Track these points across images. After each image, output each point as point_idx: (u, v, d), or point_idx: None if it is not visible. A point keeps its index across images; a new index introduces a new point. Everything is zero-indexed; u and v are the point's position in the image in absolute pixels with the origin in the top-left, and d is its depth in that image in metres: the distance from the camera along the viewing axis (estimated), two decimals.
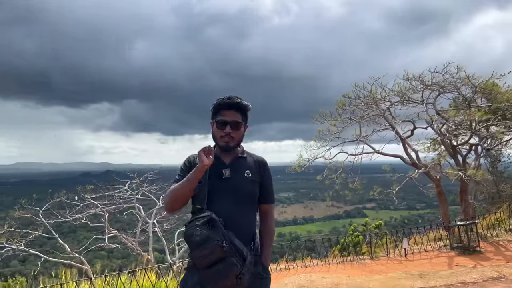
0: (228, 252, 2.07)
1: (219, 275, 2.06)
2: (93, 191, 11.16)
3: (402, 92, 11.53)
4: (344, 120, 11.65)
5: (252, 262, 2.21)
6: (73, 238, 15.65)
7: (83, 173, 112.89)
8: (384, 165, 11.62)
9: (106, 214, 10.87)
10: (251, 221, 2.41)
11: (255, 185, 2.41)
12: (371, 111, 11.62)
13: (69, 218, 10.81)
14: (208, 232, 2.08)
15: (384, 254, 9.35)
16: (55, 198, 11.06)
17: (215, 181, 2.30)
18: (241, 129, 2.40)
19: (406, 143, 11.48)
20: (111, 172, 52.18)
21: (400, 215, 65.81)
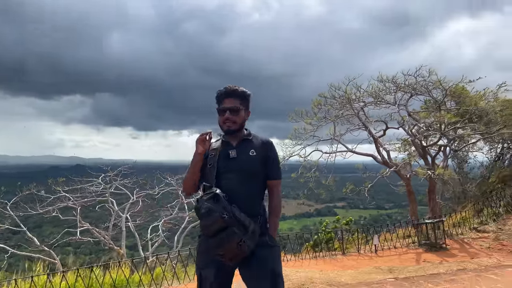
0: (229, 222, 2.35)
1: (221, 242, 2.35)
2: (64, 184, 10.91)
3: (375, 93, 11.83)
4: (319, 119, 11.85)
5: (256, 232, 2.47)
6: (38, 233, 15.21)
7: (52, 167, 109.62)
8: (357, 164, 11.87)
9: (78, 207, 10.66)
10: (257, 196, 2.65)
11: (260, 163, 2.64)
12: (346, 111, 11.86)
13: (40, 211, 10.54)
14: (212, 206, 2.37)
15: (355, 250, 9.57)
16: (24, 191, 10.76)
17: (223, 161, 2.59)
18: (240, 113, 2.66)
19: (378, 143, 11.77)
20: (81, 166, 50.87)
21: (369, 214, 67.29)
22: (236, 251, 2.36)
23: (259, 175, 2.64)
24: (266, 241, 2.56)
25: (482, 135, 11.98)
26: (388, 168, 11.07)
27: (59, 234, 11.50)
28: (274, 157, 2.73)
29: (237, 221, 2.38)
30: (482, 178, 13.92)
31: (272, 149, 2.73)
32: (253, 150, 2.64)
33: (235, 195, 2.48)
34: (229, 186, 2.51)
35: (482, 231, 10.04)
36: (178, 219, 12.28)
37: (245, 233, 2.38)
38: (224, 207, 2.37)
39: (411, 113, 11.93)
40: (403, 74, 11.67)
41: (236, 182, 2.54)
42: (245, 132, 2.72)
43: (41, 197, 10.93)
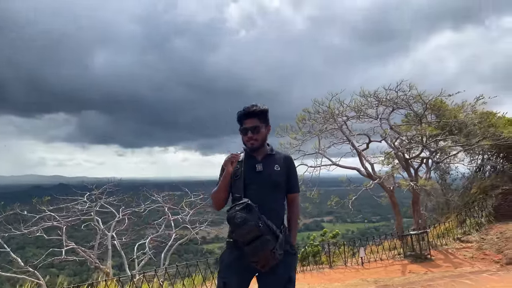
0: (263, 231, 2.52)
1: (256, 250, 2.50)
2: (49, 203, 10.76)
3: (358, 108, 12.08)
4: (304, 134, 12.02)
5: (283, 241, 2.63)
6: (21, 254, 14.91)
7: (34, 186, 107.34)
8: (341, 177, 12.02)
9: (64, 227, 10.50)
10: (281, 207, 2.83)
11: (282, 176, 2.84)
12: (329, 125, 12.07)
13: (24, 231, 10.37)
14: (246, 215, 2.54)
15: (342, 263, 9.65)
16: (8, 210, 10.59)
17: (250, 174, 2.79)
18: (261, 131, 2.87)
19: (362, 156, 11.97)
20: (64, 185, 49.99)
21: (356, 227, 67.38)
22: (269, 258, 2.51)
23: (282, 188, 2.84)
24: (289, 249, 2.71)
25: (462, 147, 12.28)
26: (372, 181, 11.25)
27: (43, 255, 11.29)
28: (294, 172, 2.96)
29: (269, 229, 2.56)
30: (464, 189, 14.20)
31: (293, 164, 2.97)
32: (277, 165, 2.84)
33: (262, 206, 2.64)
34: (256, 197, 2.68)
35: (466, 241, 10.24)
36: (164, 237, 12.17)
37: (276, 241, 2.55)
38: (258, 216, 2.55)
39: (393, 127, 12.20)
40: (384, 89, 11.98)
41: (262, 194, 2.72)
42: (268, 148, 2.94)
43: (25, 217, 10.77)
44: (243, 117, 2.87)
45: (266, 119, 2.93)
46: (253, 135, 2.83)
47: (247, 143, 2.87)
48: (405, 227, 12.23)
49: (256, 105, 2.86)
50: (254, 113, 2.85)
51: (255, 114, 2.85)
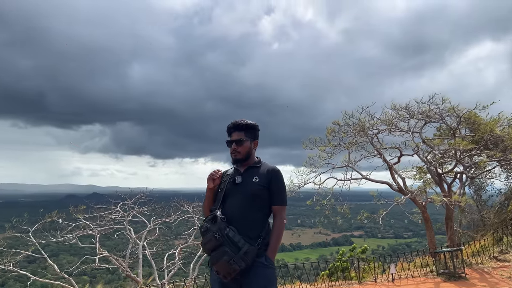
0: (221, 242, 2.61)
1: (215, 260, 2.62)
2: (84, 212, 11.13)
3: (389, 121, 11.92)
4: (334, 146, 11.95)
5: (250, 253, 2.64)
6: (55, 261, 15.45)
7: (69, 195, 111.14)
8: (372, 191, 11.84)
9: (98, 235, 10.83)
10: (258, 219, 2.84)
11: (262, 188, 2.86)
12: (360, 138, 11.96)
13: (60, 239, 10.76)
14: (210, 226, 2.68)
15: (372, 279, 9.45)
16: (46, 218, 11.04)
17: (230, 186, 2.90)
18: (244, 144, 2.96)
19: (393, 170, 11.77)
20: (98, 194, 51.49)
21: (387, 243, 65.74)
22: (227, 269, 2.56)
23: (260, 200, 2.84)
24: (262, 261, 2.70)
25: (499, 162, 11.87)
26: (403, 196, 11.03)
27: (77, 262, 11.65)
28: (278, 184, 2.90)
29: (230, 241, 2.61)
30: (501, 206, 13.68)
31: (276, 176, 2.91)
32: (256, 177, 2.88)
33: (235, 218, 2.74)
34: (231, 209, 2.80)
35: (503, 260, 9.84)
36: (193, 247, 12.31)
37: (237, 252, 2.59)
38: (219, 227, 2.64)
39: (425, 140, 11.95)
40: (416, 102, 11.79)
41: (238, 206, 2.81)
42: (256, 160, 3.02)
43: (60, 224, 11.17)
44: (231, 130, 3.00)
45: (254, 135, 3.03)
46: (236, 147, 2.93)
47: (231, 154, 2.97)
48: (438, 243, 11.89)
49: (244, 120, 2.99)
50: (240, 126, 2.97)
51: (241, 128, 2.97)
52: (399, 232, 76.63)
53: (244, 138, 2.96)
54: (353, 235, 77.07)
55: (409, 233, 74.87)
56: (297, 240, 77.67)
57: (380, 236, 75.92)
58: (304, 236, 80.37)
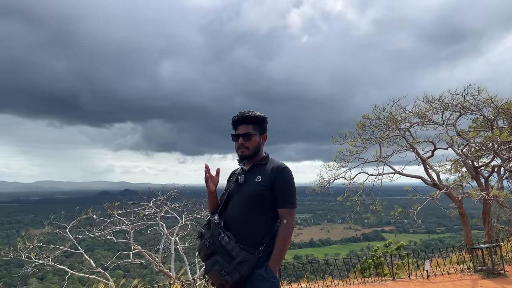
0: (213, 250, 2.35)
1: (206, 269, 2.39)
2: (118, 208, 11.42)
3: (422, 113, 11.60)
4: (364, 141, 11.74)
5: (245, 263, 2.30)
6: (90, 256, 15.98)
7: (102, 192, 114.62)
8: (405, 186, 11.57)
9: (131, 231, 11.10)
10: (260, 224, 2.47)
11: (264, 189, 2.48)
12: (391, 132, 11.69)
13: (96, 234, 11.10)
14: (204, 232, 2.46)
15: (406, 275, 9.26)
16: (82, 214, 11.41)
17: (233, 187, 2.61)
18: (253, 138, 2.60)
19: (426, 164, 11.47)
20: (130, 191, 52.83)
21: (419, 238, 64.40)
22: (219, 280, 2.29)
23: (263, 203, 2.48)
24: (261, 273, 2.35)
25: None
26: (438, 190, 10.73)
27: (112, 257, 11.99)
28: (284, 184, 2.51)
29: (222, 249, 2.32)
30: None
31: (281, 174, 2.51)
32: (259, 176, 2.53)
33: (234, 222, 2.45)
34: (232, 212, 2.51)
35: None
36: None
37: (230, 262, 2.29)
38: (212, 234, 2.37)
39: (460, 133, 11.57)
40: (450, 94, 11.42)
41: (237, 209, 2.50)
42: (263, 156, 2.66)
43: (96, 220, 11.49)
44: (236, 123, 2.65)
45: (262, 128, 2.68)
46: (244, 142, 2.58)
47: (238, 150, 2.63)
48: (474, 239, 11.53)
49: (251, 111, 2.64)
50: (248, 119, 2.61)
51: (249, 120, 2.61)
52: (431, 227, 74.93)
53: (252, 132, 2.60)
54: (384, 230, 75.92)
55: (442, 228, 73.10)
56: (327, 235, 77.21)
57: (412, 231, 74.48)
58: (333, 232, 79.82)
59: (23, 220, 77.38)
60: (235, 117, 2.65)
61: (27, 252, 10.43)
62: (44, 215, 12.72)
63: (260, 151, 2.65)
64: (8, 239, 46.87)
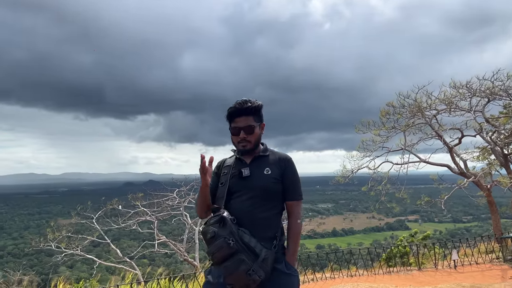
0: (235, 249, 2.16)
1: (229, 271, 2.15)
2: (142, 199, 11.60)
3: (448, 100, 11.28)
4: (388, 129, 11.52)
5: (268, 259, 2.24)
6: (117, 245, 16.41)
7: (127, 183, 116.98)
8: (431, 174, 11.32)
9: (156, 221, 11.27)
10: (273, 218, 2.41)
11: (275, 182, 2.42)
12: (417, 119, 11.43)
13: (121, 225, 11.34)
14: (218, 230, 2.19)
15: (432, 265, 9.11)
16: (108, 205, 11.65)
17: (236, 181, 2.42)
18: (255, 131, 2.45)
19: (453, 152, 11.18)
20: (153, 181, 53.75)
21: (445, 227, 63.24)
22: (246, 281, 2.15)
23: (274, 196, 2.42)
24: (282, 269, 2.33)
25: None
26: (465, 179, 10.47)
27: (138, 247, 12.25)
28: (293, 175, 2.48)
29: (246, 247, 2.20)
30: None
31: (290, 166, 2.49)
32: (268, 168, 2.43)
33: (246, 218, 2.31)
34: (241, 207, 2.36)
35: None
36: None
37: (255, 260, 2.19)
38: (231, 231, 2.20)
39: (489, 119, 11.20)
40: (477, 79, 11.05)
41: (248, 203, 2.36)
42: (261, 148, 2.53)
43: (121, 211, 11.71)
44: (234, 115, 2.44)
45: (260, 117, 2.51)
46: (246, 136, 2.42)
47: (238, 145, 2.46)
48: (504, 228, 11.22)
49: (250, 101, 2.43)
50: (247, 110, 2.42)
51: (248, 112, 2.43)
52: (457, 216, 73.44)
53: (253, 124, 2.44)
54: (408, 219, 74.86)
55: (468, 217, 71.57)
56: (349, 225, 76.71)
57: (437, 220, 73.19)
58: (356, 221, 79.24)
59: (52, 210, 79.80)
60: (232, 108, 2.44)
61: (56, 242, 10.74)
62: (71, 206, 13.07)
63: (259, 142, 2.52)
64: (39, 229, 48.41)
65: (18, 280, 8.92)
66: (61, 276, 7.72)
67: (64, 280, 7.39)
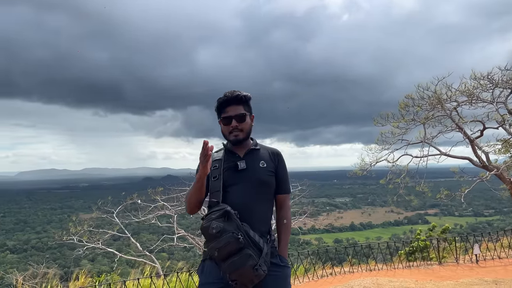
0: (243, 244, 2.13)
1: (235, 267, 2.11)
2: (161, 193, 11.73)
3: (469, 92, 11.04)
4: (408, 122, 11.36)
5: (269, 254, 2.25)
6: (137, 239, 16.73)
7: (146, 178, 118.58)
8: (451, 167, 11.13)
9: (175, 215, 11.41)
10: (268, 212, 2.43)
11: (270, 175, 2.43)
12: (436, 112, 11.23)
13: (141, 219, 11.51)
14: (224, 225, 2.15)
15: (453, 259, 8.98)
16: (127, 200, 11.85)
17: (231, 174, 2.38)
18: (247, 120, 2.45)
19: (475, 145, 10.96)
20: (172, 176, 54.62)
21: (466, 221, 62.17)
22: (251, 276, 2.11)
23: (270, 189, 2.44)
24: (277, 262, 2.34)
25: None
26: (488, 172, 10.25)
27: (157, 241, 12.43)
28: (284, 169, 2.53)
29: (251, 242, 2.17)
30: None
31: (281, 159, 2.54)
32: (263, 162, 2.44)
33: (245, 212, 2.27)
34: (238, 201, 2.31)
35: None
36: None
37: (260, 255, 2.17)
38: (237, 226, 2.17)
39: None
40: (499, 69, 10.78)
41: (245, 197, 2.33)
42: (252, 142, 2.52)
43: (140, 205, 11.87)
44: (224, 105, 2.43)
45: (250, 108, 2.51)
46: (238, 124, 2.40)
47: (230, 135, 2.43)
48: None
49: (239, 91, 2.45)
50: (238, 99, 2.43)
51: (239, 101, 2.43)
52: (478, 209, 72.11)
53: (245, 112, 2.44)
54: (428, 213, 73.85)
55: (490, 211, 70.18)
56: (368, 219, 76.16)
57: (458, 214, 72.02)
58: (374, 215, 78.59)
59: (73, 205, 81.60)
60: (223, 97, 2.44)
61: (78, 236, 10.98)
62: (92, 201, 13.35)
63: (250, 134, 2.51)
64: (61, 223, 49.54)
65: (42, 273, 9.17)
66: (83, 269, 7.89)
67: (86, 274, 7.54)
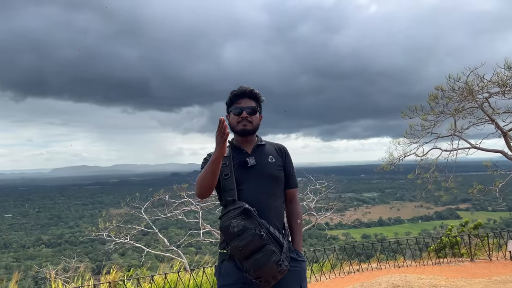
0: (266, 240, 2.12)
1: (259, 264, 2.08)
2: (187, 189, 11.88)
3: (502, 82, 10.60)
4: (437, 114, 11.02)
5: (288, 247, 2.26)
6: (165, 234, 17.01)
7: (173, 173, 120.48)
8: (484, 161, 10.75)
9: (200, 211, 11.54)
10: (281, 207, 2.44)
11: (280, 169, 2.45)
12: (467, 103, 10.85)
13: (168, 215, 11.70)
14: (244, 223, 2.12)
15: (486, 256, 8.71)
16: (155, 196, 12.06)
17: (241, 171, 2.36)
18: (257, 115, 2.47)
19: (508, 137, 10.54)
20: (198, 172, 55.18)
21: (499, 216, 60.19)
22: (275, 272, 2.11)
23: (280, 184, 2.45)
24: (294, 256, 2.34)
25: None
26: None
27: (184, 236, 12.61)
28: (291, 164, 2.55)
29: (273, 237, 2.18)
30: None
31: (288, 154, 2.56)
32: (271, 157, 2.44)
33: (262, 208, 2.25)
34: (254, 198, 2.28)
35: None
36: None
37: (281, 250, 2.17)
38: (259, 223, 2.15)
39: None
40: None
41: (258, 193, 2.32)
42: (257, 139, 2.54)
43: (167, 201, 12.06)
44: (238, 96, 2.46)
45: (261, 108, 2.54)
46: (248, 116, 2.40)
47: (238, 124, 2.41)
48: None
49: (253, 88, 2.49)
50: (253, 94, 2.47)
51: (252, 96, 2.47)
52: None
53: (256, 106, 2.47)
54: (459, 208, 71.89)
55: None
56: (396, 214, 74.86)
57: (491, 209, 69.80)
58: (403, 210, 77.15)
59: (103, 201, 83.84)
60: (237, 90, 2.47)
61: (108, 231, 11.25)
62: (121, 196, 13.65)
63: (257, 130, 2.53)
64: (92, 218, 50.94)
65: (73, 267, 9.46)
66: (113, 264, 8.08)
67: (117, 268, 7.71)
